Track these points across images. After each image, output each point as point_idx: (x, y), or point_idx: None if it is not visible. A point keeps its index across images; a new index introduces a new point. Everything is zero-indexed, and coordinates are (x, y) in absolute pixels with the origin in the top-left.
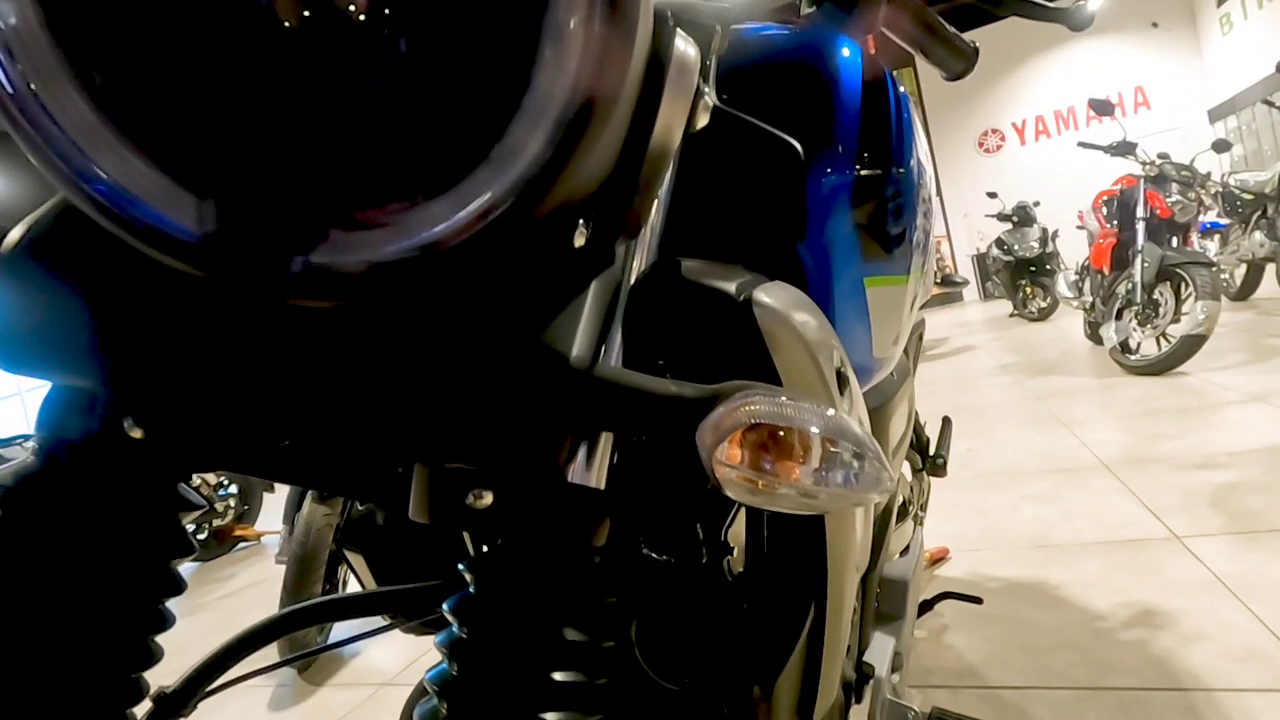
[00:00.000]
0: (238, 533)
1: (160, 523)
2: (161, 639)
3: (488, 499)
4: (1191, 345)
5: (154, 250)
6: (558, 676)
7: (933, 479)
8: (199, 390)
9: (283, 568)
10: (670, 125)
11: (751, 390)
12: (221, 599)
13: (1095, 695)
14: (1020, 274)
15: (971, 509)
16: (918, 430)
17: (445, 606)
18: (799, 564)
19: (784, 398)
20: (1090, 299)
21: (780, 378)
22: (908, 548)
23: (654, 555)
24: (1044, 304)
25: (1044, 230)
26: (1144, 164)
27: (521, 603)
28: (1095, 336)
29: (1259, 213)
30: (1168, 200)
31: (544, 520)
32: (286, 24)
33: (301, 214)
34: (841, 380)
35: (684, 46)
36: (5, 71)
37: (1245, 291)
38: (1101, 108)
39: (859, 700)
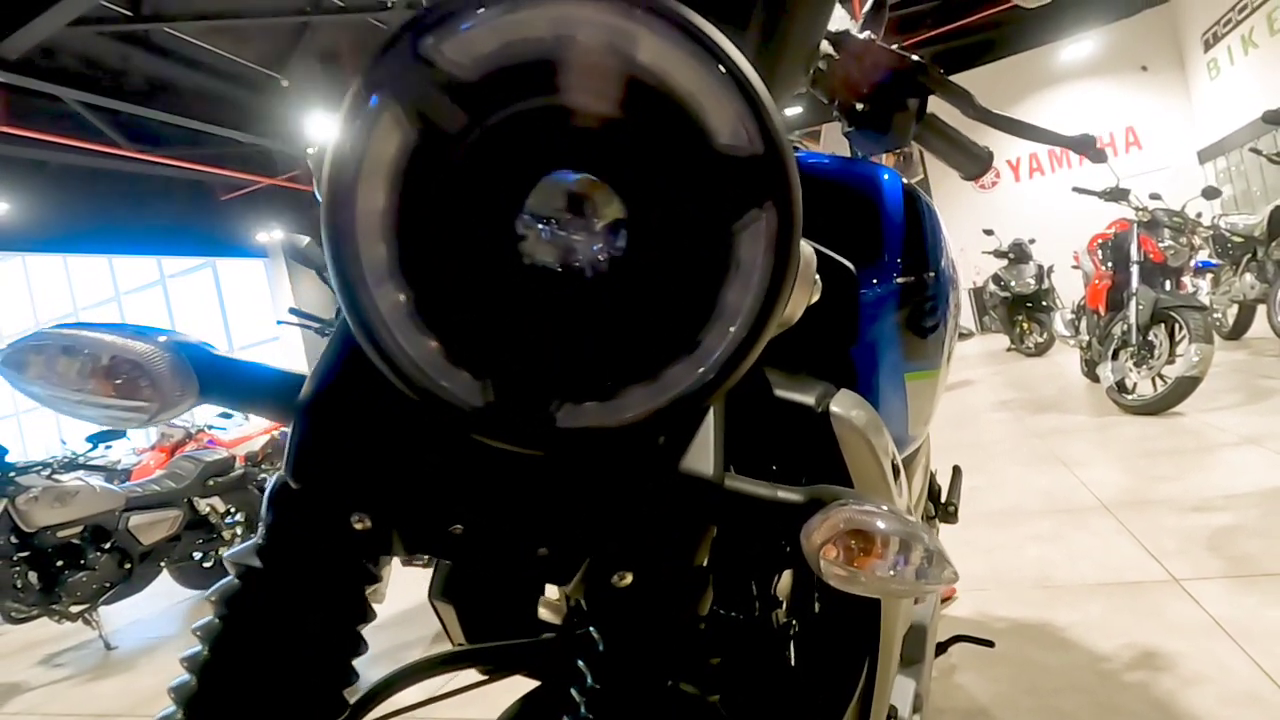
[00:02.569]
0: None
1: (355, 595)
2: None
3: (629, 578)
4: (1187, 386)
5: (435, 408)
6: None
7: (942, 525)
8: (415, 497)
9: None
10: (798, 307)
11: (844, 498)
12: None
13: None
14: (1017, 309)
15: (976, 548)
16: (930, 480)
17: (581, 661)
18: (856, 625)
19: (869, 506)
20: (1086, 338)
21: (850, 474)
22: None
23: (722, 612)
24: (1040, 339)
25: (1040, 267)
26: (1137, 210)
27: (648, 658)
28: (1092, 374)
29: (1249, 255)
30: (1160, 245)
31: (673, 592)
32: (556, 270)
33: (551, 394)
34: (895, 471)
35: (808, 248)
36: (349, 269)
37: (1238, 331)
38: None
39: None
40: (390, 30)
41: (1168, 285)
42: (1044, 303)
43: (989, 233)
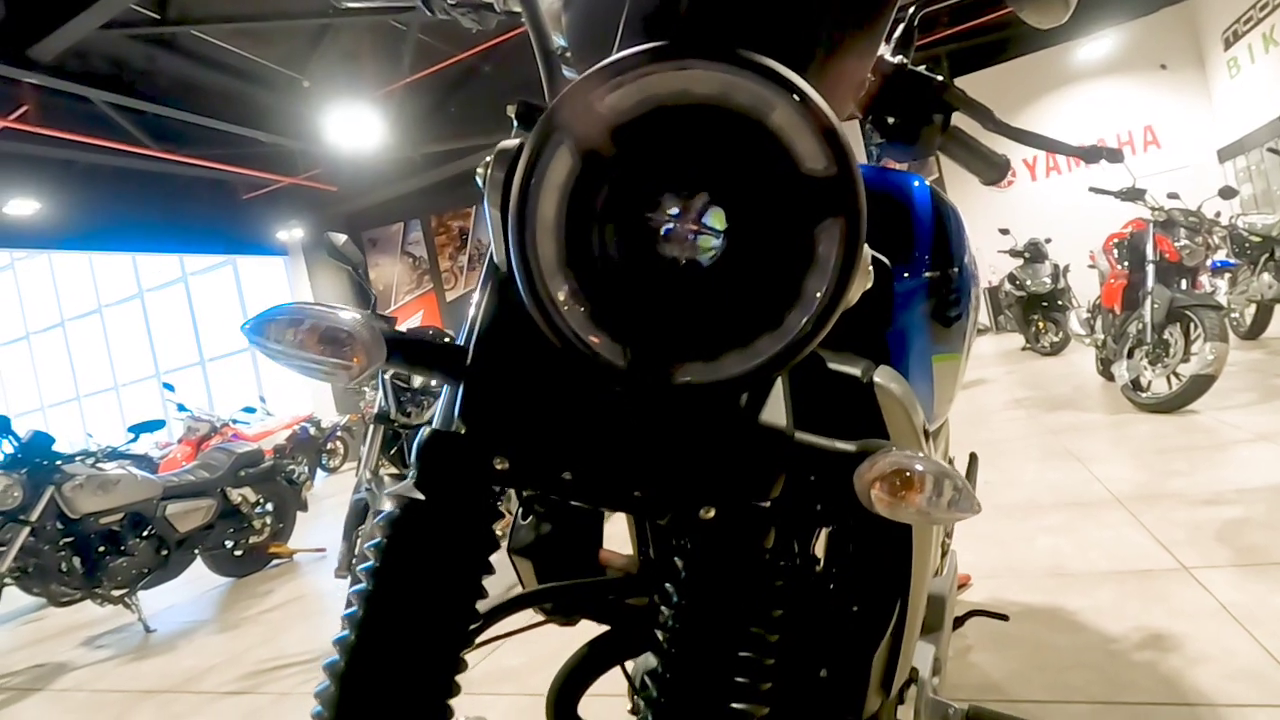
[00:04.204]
0: (273, 550)
1: (490, 524)
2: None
3: (712, 513)
4: (1201, 385)
5: (589, 366)
6: (745, 653)
7: None
8: (546, 442)
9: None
10: (857, 293)
11: (888, 448)
12: (263, 614)
13: (1110, 709)
14: (1032, 309)
15: (991, 540)
16: None
17: (668, 585)
18: (889, 569)
19: (909, 452)
20: (1102, 336)
21: (890, 434)
22: (940, 570)
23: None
24: (1056, 339)
25: (1055, 266)
26: (1153, 209)
27: (724, 581)
28: (1107, 373)
29: (1267, 255)
30: (1176, 245)
31: (746, 526)
32: (676, 263)
33: (669, 355)
34: (926, 435)
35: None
36: (529, 260)
37: (1255, 331)
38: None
39: (902, 702)
40: (569, 86)
41: (1183, 284)
42: (1059, 302)
43: (1004, 232)
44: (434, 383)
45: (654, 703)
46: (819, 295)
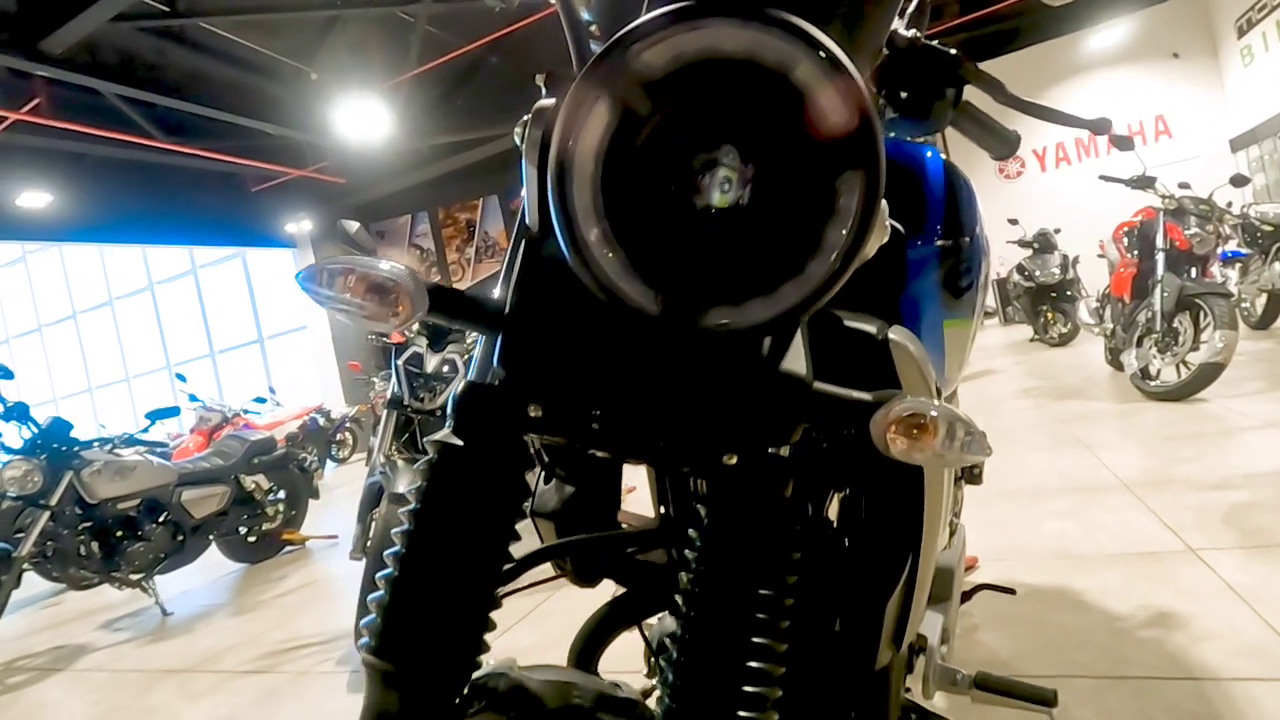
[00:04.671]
0: (286, 536)
1: (523, 471)
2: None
3: (735, 459)
4: (1210, 373)
5: (621, 312)
6: (764, 591)
7: (967, 485)
8: (578, 390)
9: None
10: (874, 247)
11: (902, 396)
12: (277, 598)
13: (1116, 683)
14: (1041, 299)
15: (998, 524)
16: None
17: (691, 531)
18: (901, 522)
19: (923, 399)
20: (1111, 326)
21: (903, 387)
22: (949, 544)
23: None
24: (1065, 330)
25: (1065, 257)
26: (1163, 197)
27: (746, 524)
28: (1116, 362)
29: (1279, 244)
30: (1186, 233)
31: (766, 472)
32: (705, 213)
33: (698, 300)
34: (938, 392)
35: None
36: (568, 208)
37: (1266, 321)
38: (1123, 144)
39: (911, 670)
40: (605, 45)
41: (1193, 273)
42: (1068, 292)
43: (1014, 222)
44: (445, 369)
45: (673, 663)
46: (839, 244)
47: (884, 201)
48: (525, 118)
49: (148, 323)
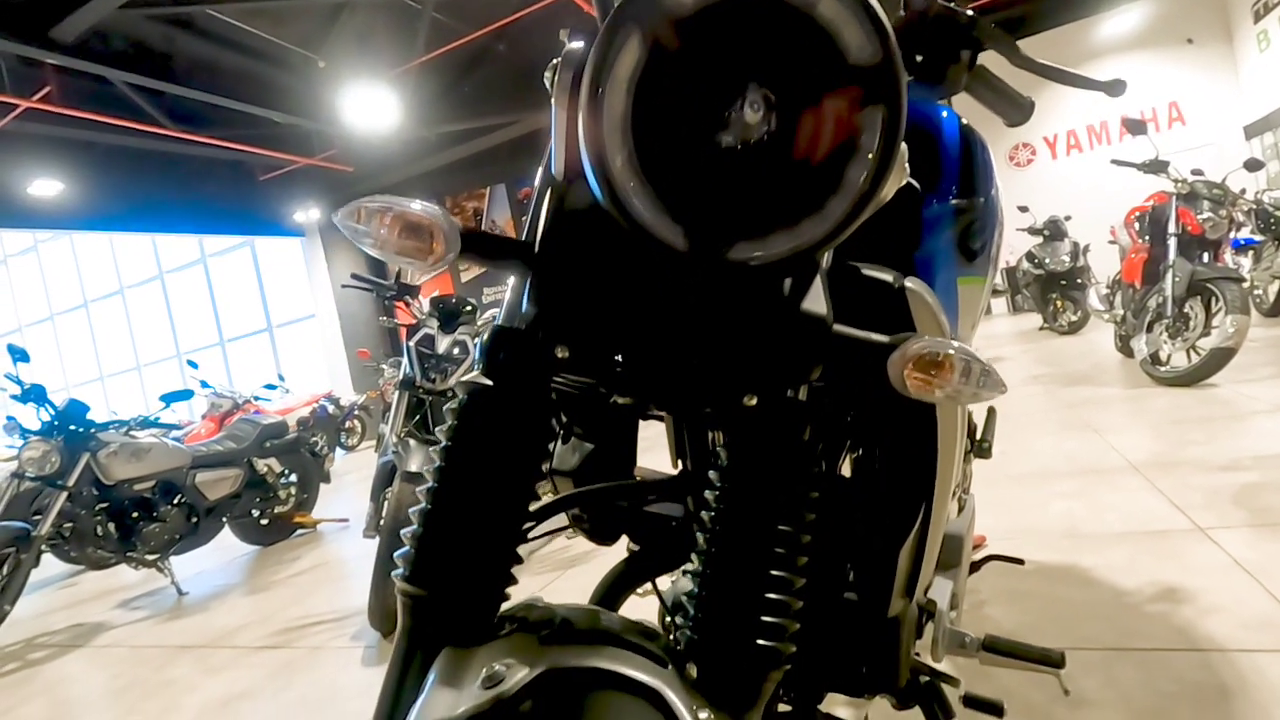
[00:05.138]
0: (297, 519)
1: (547, 415)
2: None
3: (755, 400)
4: (1221, 358)
5: (650, 246)
6: (783, 527)
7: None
8: (604, 331)
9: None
10: (891, 189)
11: (919, 336)
12: (291, 578)
13: (1122, 655)
14: (1051, 288)
15: (1004, 505)
16: (968, 418)
17: (711, 474)
18: (914, 463)
19: (939, 339)
20: (1121, 312)
21: (919, 333)
22: (959, 514)
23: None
24: (1074, 318)
25: (1075, 244)
26: (1176, 181)
27: (766, 465)
28: (1126, 349)
29: None
30: (1199, 217)
31: (785, 414)
32: (730, 148)
33: (722, 233)
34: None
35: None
36: (599, 142)
37: (1278, 308)
38: (1135, 128)
39: (920, 635)
40: None
41: (1205, 258)
42: (1078, 280)
43: (1023, 209)
44: (456, 350)
45: (691, 619)
46: (859, 182)
47: (904, 144)
48: (555, 61)
49: (158, 311)
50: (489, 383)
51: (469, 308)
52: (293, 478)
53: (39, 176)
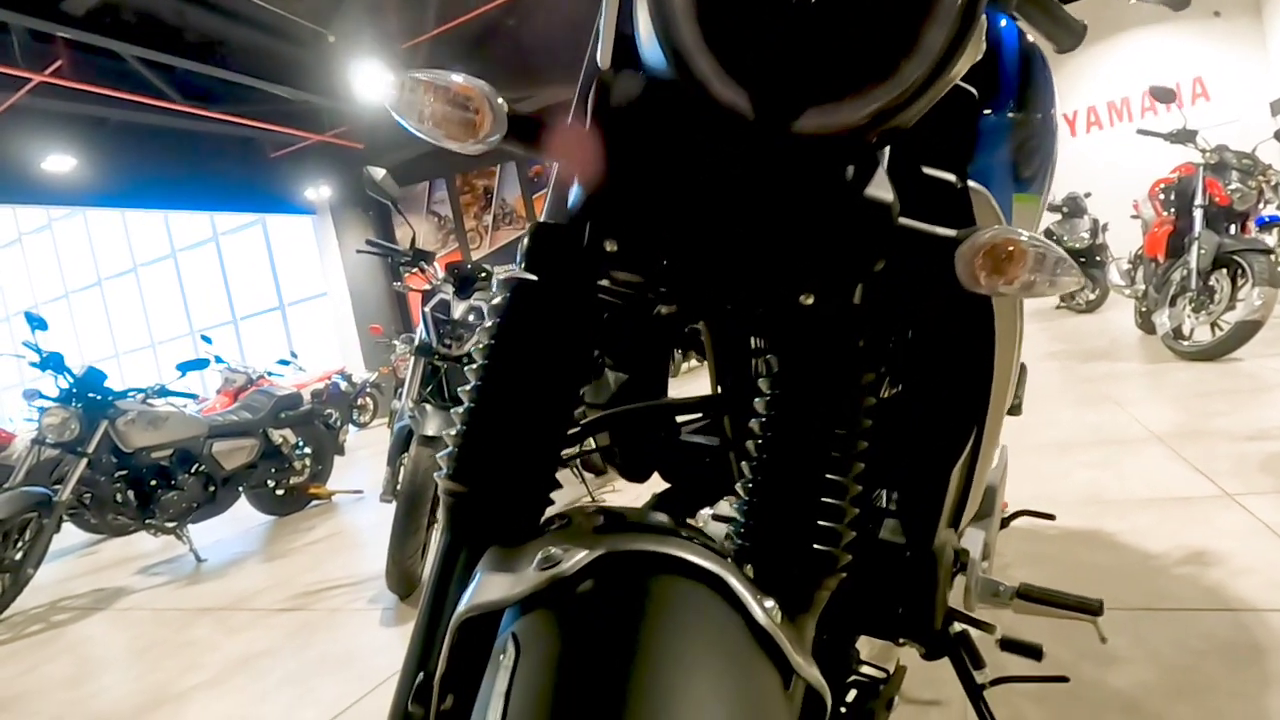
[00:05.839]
0: (312, 491)
1: (593, 314)
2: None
3: (811, 299)
4: (1247, 331)
5: (719, 116)
6: (839, 430)
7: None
8: (656, 224)
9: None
10: (966, 65)
11: (989, 228)
12: (307, 545)
13: (1151, 614)
14: None
15: (1027, 473)
16: None
17: (761, 383)
18: (970, 367)
19: (1011, 228)
20: (1143, 287)
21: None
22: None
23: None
24: (1092, 296)
25: (1094, 221)
26: (1204, 151)
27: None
28: (1146, 325)
29: None
30: (1227, 188)
31: (842, 314)
32: (804, 7)
33: (791, 100)
34: None
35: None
36: (666, 12)
37: None
38: (1163, 95)
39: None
40: None
41: (1232, 230)
42: (1097, 258)
43: None
44: (471, 316)
45: (743, 526)
46: (936, 45)
47: (983, 16)
48: None
49: (171, 290)
50: (533, 278)
51: (484, 274)
52: (307, 449)
53: (52, 152)
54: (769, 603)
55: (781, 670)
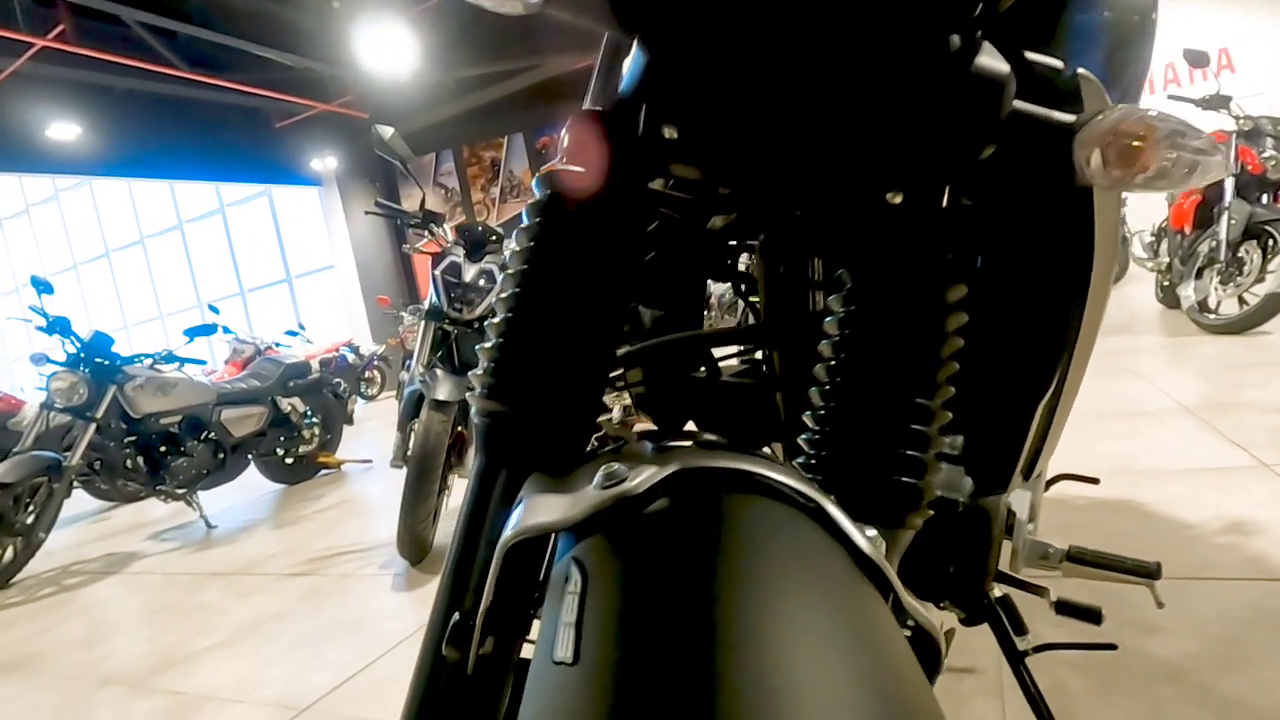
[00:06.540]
0: (321, 459)
1: (647, 218)
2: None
3: (900, 198)
4: (1277, 303)
5: None
6: (927, 350)
7: None
8: (723, 104)
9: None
10: None
11: (1113, 109)
12: (317, 513)
13: (1192, 584)
14: None
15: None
16: None
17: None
18: (1065, 267)
19: (1138, 107)
20: (1166, 260)
21: None
22: None
23: None
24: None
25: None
26: (1237, 119)
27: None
28: (1168, 299)
29: None
30: (1261, 155)
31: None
32: None
33: None
34: None
35: None
36: None
37: None
38: (1197, 59)
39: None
40: None
41: (1264, 199)
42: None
43: None
44: (482, 281)
45: (816, 456)
46: None
47: None
48: None
49: (178, 261)
50: (579, 169)
51: (495, 236)
52: (316, 418)
53: (57, 119)
54: (871, 531)
55: (894, 610)
